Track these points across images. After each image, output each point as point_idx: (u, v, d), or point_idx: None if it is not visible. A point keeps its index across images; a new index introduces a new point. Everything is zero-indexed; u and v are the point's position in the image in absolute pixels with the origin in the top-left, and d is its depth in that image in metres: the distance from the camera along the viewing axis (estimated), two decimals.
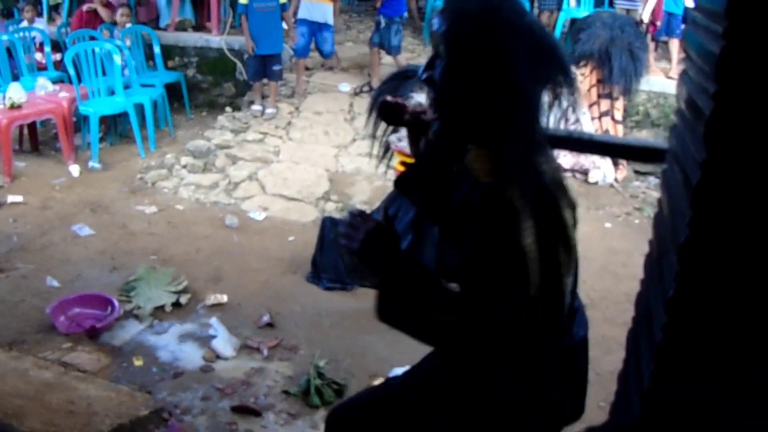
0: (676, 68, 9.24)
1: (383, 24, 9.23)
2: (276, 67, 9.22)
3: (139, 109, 9.10)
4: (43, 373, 4.67)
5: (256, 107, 9.32)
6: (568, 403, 2.33)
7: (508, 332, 1.91)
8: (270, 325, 5.48)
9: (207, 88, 10.89)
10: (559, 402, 2.27)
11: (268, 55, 9.09)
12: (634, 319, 2.95)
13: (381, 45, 9.37)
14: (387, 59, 9.63)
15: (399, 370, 4.73)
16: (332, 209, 7.46)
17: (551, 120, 2.08)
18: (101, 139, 8.64)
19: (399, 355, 5.04)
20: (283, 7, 9.16)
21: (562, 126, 8.43)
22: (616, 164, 8.44)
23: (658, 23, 9.36)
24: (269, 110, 9.22)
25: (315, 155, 8.36)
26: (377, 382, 4.68)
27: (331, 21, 9.61)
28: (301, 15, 9.53)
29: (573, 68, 8.18)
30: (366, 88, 9.41)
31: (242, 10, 8.98)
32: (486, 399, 2.19)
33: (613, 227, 7.33)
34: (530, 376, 2.10)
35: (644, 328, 2.62)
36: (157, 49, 10.49)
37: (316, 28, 9.60)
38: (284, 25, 9.37)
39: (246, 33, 9.00)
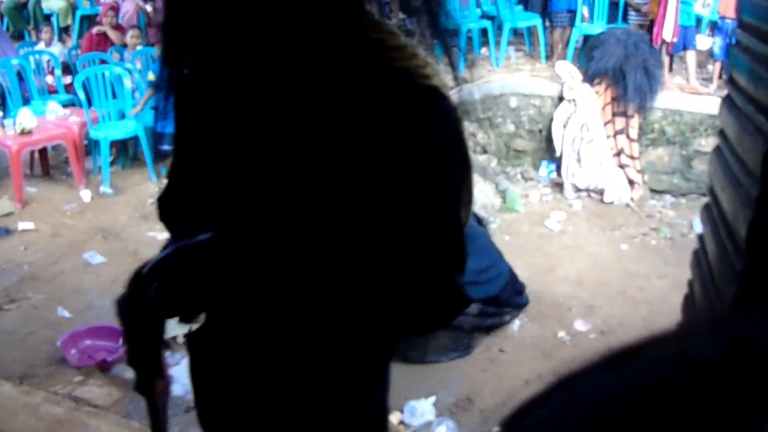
0: (693, 81, 9.12)
1: None
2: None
3: (150, 132, 9.04)
4: (54, 409, 4.60)
5: None
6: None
7: None
8: None
9: None
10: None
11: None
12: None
13: None
14: None
15: (415, 404, 4.65)
16: None
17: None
18: (112, 163, 8.58)
19: (415, 387, 4.95)
20: None
21: (577, 145, 8.40)
22: (631, 183, 8.35)
23: (675, 39, 9.25)
24: None
25: None
26: (392, 416, 4.60)
27: None
28: None
29: (587, 86, 8.17)
30: None
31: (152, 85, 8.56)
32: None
33: (629, 249, 7.23)
34: None
35: None
36: None
37: None
38: None
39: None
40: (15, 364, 5.25)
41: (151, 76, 8.85)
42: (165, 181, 1.83)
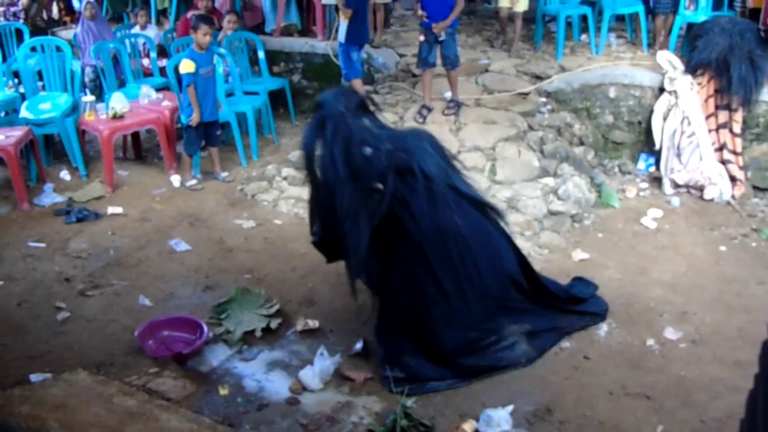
0: None
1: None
2: (218, 132, 8.72)
3: (242, 117, 9.01)
4: (127, 401, 4.59)
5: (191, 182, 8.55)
6: None
7: None
8: (361, 354, 5.31)
9: (312, 94, 10.69)
10: None
11: (211, 122, 8.49)
12: (756, 379, 2.43)
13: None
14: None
15: (492, 413, 4.50)
16: None
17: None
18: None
19: (492, 393, 4.84)
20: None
21: (677, 139, 8.06)
22: (733, 180, 7.98)
23: None
24: (223, 175, 8.71)
25: None
26: (466, 424, 4.46)
27: (341, 38, 9.03)
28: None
29: (689, 77, 7.83)
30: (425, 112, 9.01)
31: (190, 81, 8.11)
32: None
33: (728, 251, 6.87)
34: None
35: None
36: (261, 55, 10.40)
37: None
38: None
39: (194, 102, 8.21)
40: (93, 352, 5.28)
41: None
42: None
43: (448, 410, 4.69)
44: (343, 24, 8.89)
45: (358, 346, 5.30)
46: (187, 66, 7.99)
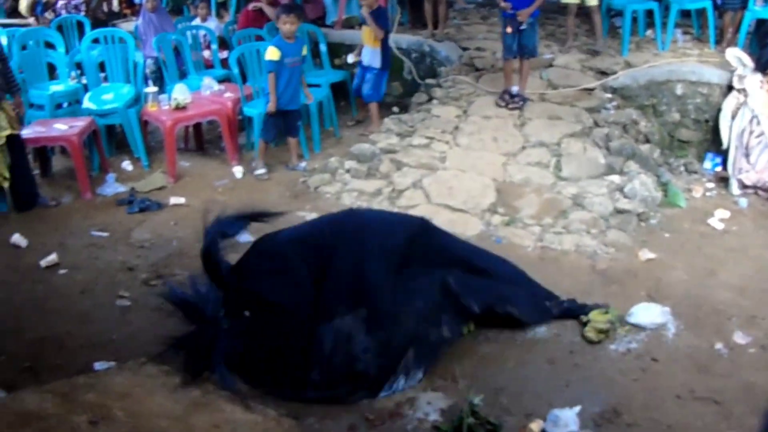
0: None
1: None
2: (298, 123, 8.75)
3: (304, 109, 8.98)
4: (191, 391, 4.56)
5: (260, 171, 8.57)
6: None
7: None
8: None
9: None
10: None
11: (291, 111, 8.52)
12: None
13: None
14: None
15: (559, 413, 4.41)
16: (498, 222, 7.12)
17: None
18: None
19: (559, 393, 4.75)
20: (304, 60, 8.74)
21: (746, 138, 7.87)
22: None
23: None
24: (302, 165, 8.76)
25: (482, 163, 7.99)
26: (533, 424, 4.40)
27: (375, 64, 9.19)
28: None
29: (759, 75, 7.63)
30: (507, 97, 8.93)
31: (271, 68, 8.18)
32: None
33: None
34: None
35: None
36: (323, 48, 10.38)
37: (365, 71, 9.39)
38: None
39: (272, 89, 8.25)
40: (156, 341, 5.23)
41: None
42: None
43: (514, 409, 4.61)
44: (372, 50, 8.91)
45: None
46: (271, 53, 8.07)
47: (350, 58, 9.72)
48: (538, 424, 4.40)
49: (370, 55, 9.20)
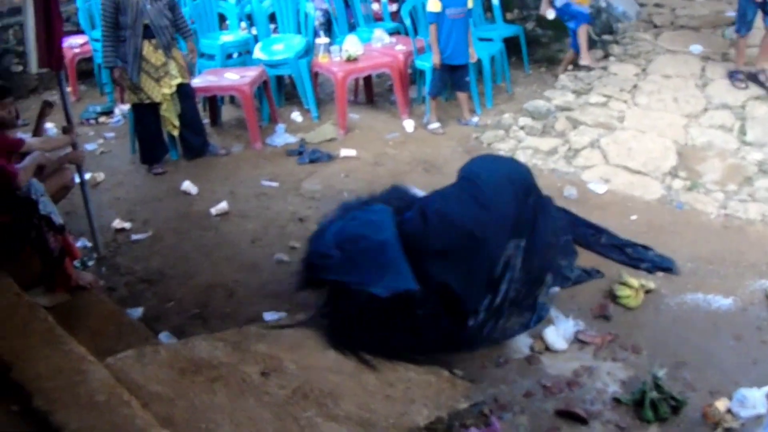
0: None
1: None
2: (467, 78, 8.31)
3: (477, 63, 8.67)
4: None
5: (434, 125, 8.27)
6: None
7: None
8: (604, 317, 4.94)
9: (547, 42, 10.27)
10: None
11: (458, 66, 8.15)
12: None
13: None
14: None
15: (747, 392, 4.02)
16: (680, 187, 6.68)
17: None
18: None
19: (748, 371, 4.37)
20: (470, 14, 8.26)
21: None
22: None
23: None
24: (474, 120, 8.39)
25: (662, 124, 7.53)
26: (719, 402, 4.05)
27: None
28: None
29: None
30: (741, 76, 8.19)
31: (432, 19, 7.93)
32: None
33: None
34: None
35: None
36: (495, 1, 10.02)
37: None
38: None
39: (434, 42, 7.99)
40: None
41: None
42: None
43: (699, 385, 4.27)
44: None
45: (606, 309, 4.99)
46: (432, 5, 7.83)
47: (550, 15, 9.27)
48: (723, 402, 4.07)
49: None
